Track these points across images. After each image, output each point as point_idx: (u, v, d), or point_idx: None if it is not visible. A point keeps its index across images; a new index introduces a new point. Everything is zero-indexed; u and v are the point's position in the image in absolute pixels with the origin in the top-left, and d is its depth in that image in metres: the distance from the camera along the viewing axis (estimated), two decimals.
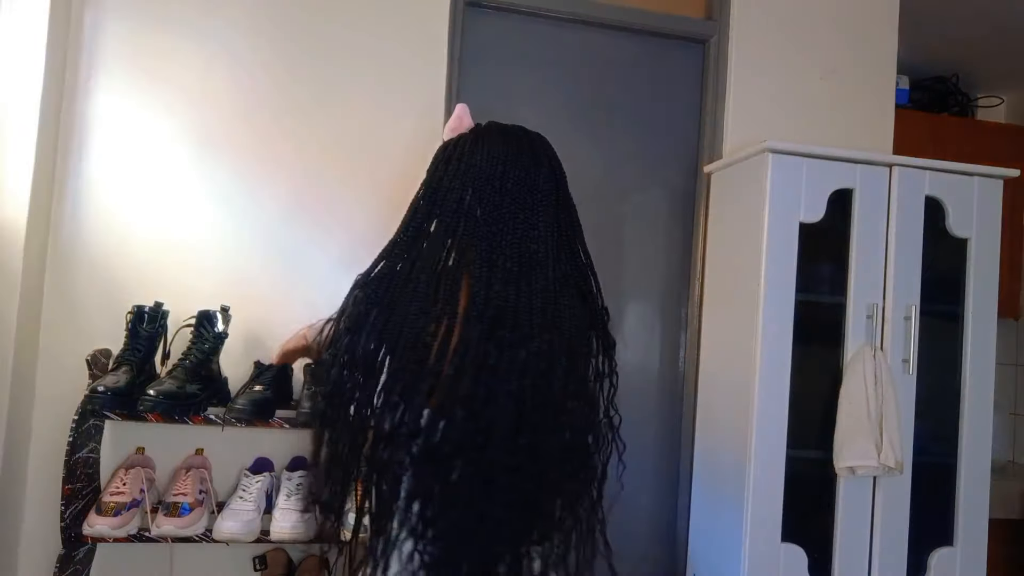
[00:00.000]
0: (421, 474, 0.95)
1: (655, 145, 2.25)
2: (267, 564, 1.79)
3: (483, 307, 0.97)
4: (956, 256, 1.95)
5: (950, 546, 1.90)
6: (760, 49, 2.24)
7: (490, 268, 0.99)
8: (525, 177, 1.05)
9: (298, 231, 1.92)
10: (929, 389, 1.90)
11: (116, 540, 1.53)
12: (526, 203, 1.04)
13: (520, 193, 1.04)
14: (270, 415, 1.62)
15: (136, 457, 1.75)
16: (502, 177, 1.04)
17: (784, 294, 1.84)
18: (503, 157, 1.06)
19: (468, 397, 0.94)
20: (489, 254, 0.99)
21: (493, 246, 1.00)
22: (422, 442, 0.94)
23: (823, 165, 1.87)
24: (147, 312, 1.66)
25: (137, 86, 1.84)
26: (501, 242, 1.00)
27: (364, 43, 1.97)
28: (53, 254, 1.78)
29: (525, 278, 1.00)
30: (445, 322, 0.96)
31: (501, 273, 0.99)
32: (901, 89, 2.61)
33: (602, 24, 2.20)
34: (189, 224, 1.86)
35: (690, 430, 2.18)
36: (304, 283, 1.89)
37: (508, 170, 1.05)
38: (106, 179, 1.82)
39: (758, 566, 1.80)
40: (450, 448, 0.94)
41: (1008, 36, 2.59)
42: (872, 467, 1.79)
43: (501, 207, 1.02)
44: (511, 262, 1.00)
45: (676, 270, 2.24)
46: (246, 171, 1.89)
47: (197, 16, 1.88)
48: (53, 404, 1.73)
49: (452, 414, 0.94)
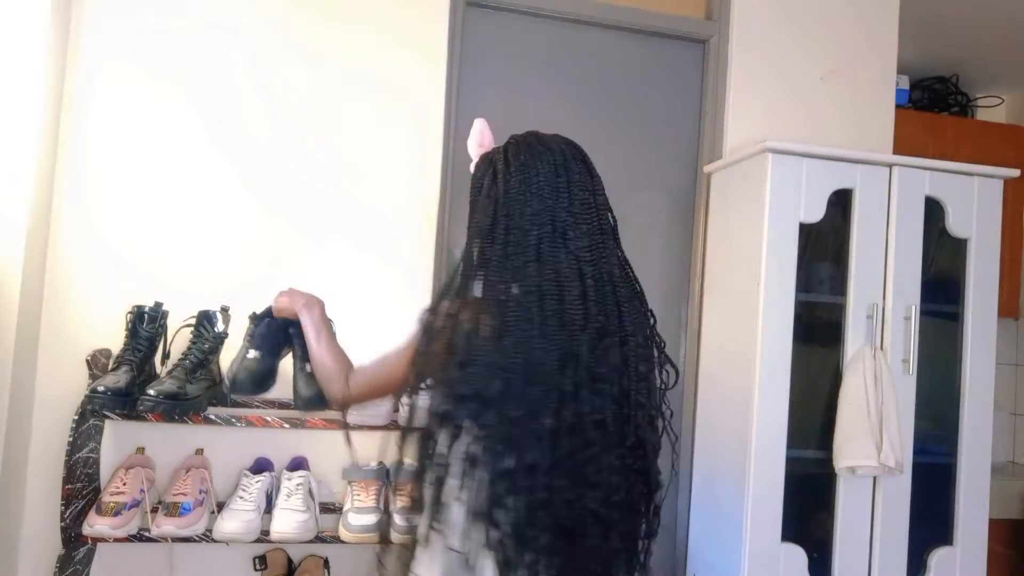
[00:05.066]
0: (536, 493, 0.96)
1: (655, 145, 2.25)
2: (267, 564, 1.79)
3: (584, 319, 0.99)
4: (956, 256, 1.95)
5: (950, 546, 1.90)
6: (760, 49, 2.24)
7: (580, 278, 1.01)
8: (584, 182, 1.09)
9: (298, 230, 1.91)
10: (929, 389, 1.91)
11: (116, 540, 1.53)
12: (591, 206, 1.08)
13: (585, 197, 1.07)
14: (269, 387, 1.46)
15: (136, 457, 1.75)
16: (568, 183, 1.07)
17: (784, 294, 1.84)
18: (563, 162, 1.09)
19: (592, 411, 0.98)
20: (576, 263, 1.02)
21: (578, 254, 1.03)
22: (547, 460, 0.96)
23: (823, 165, 1.87)
24: (147, 312, 1.66)
25: (137, 86, 1.84)
26: (582, 247, 1.04)
27: (364, 43, 1.97)
28: (53, 254, 1.78)
29: (608, 282, 1.04)
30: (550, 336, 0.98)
31: (591, 280, 1.02)
32: (901, 89, 2.60)
33: (602, 24, 2.20)
34: (189, 224, 1.86)
35: (690, 430, 2.18)
36: (304, 283, 1.88)
37: (572, 176, 1.08)
38: (106, 179, 1.82)
39: (758, 566, 1.80)
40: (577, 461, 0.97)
41: (1008, 36, 2.59)
42: (872, 467, 1.79)
43: (572, 212, 1.05)
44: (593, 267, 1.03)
45: (676, 270, 2.24)
46: (246, 171, 1.89)
47: (197, 16, 1.88)
48: (53, 404, 1.73)
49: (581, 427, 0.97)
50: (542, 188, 1.05)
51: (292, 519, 1.61)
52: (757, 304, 1.83)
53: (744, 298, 1.91)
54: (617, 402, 1.00)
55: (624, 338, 1.02)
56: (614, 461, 0.99)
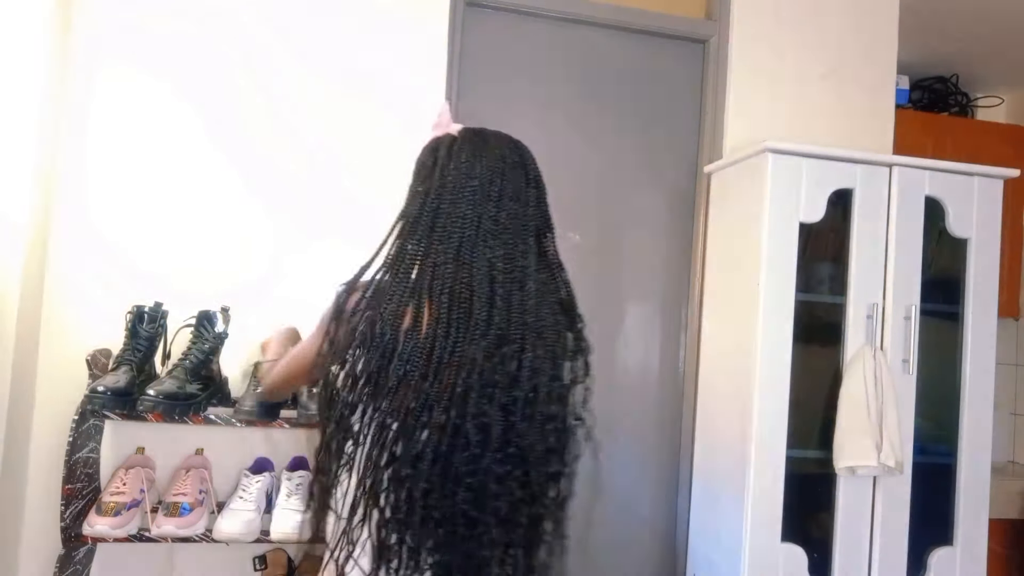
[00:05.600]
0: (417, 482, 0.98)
1: (655, 145, 2.25)
2: (267, 564, 1.79)
3: (486, 326, 1.00)
4: (956, 256, 1.95)
5: (950, 546, 1.90)
6: (760, 49, 2.24)
7: (491, 285, 1.02)
8: (518, 191, 1.08)
9: (299, 230, 1.91)
10: (929, 389, 1.91)
11: (116, 540, 1.53)
12: (519, 217, 1.07)
13: (514, 208, 1.07)
14: (276, 416, 1.62)
15: (136, 457, 1.75)
16: (500, 193, 1.06)
17: (784, 294, 1.84)
18: (500, 170, 1.08)
19: (477, 414, 0.98)
20: (490, 271, 1.02)
21: (492, 262, 1.03)
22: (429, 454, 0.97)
23: (823, 165, 1.87)
24: (147, 312, 1.66)
25: (137, 86, 1.84)
26: (498, 257, 1.03)
27: (364, 43, 1.97)
28: (53, 254, 1.78)
29: (518, 292, 1.03)
30: (453, 336, 0.99)
31: (501, 289, 1.02)
32: (901, 89, 2.61)
33: (602, 24, 2.20)
34: (189, 224, 1.86)
35: (690, 430, 2.18)
36: (304, 283, 1.89)
37: (505, 185, 1.07)
38: (106, 179, 1.82)
39: (758, 566, 1.80)
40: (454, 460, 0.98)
41: (1008, 36, 2.59)
42: (872, 467, 1.79)
43: (498, 221, 1.05)
44: (505, 276, 1.03)
45: (676, 270, 2.24)
46: (246, 170, 1.89)
47: (197, 17, 1.88)
48: (53, 404, 1.73)
49: (464, 429, 0.98)
50: (475, 192, 1.05)
51: (292, 519, 1.61)
52: (757, 304, 1.83)
53: (744, 298, 1.91)
54: (505, 409, 1.00)
55: (523, 347, 1.02)
56: (493, 467, 0.99)
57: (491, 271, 1.02)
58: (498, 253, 1.03)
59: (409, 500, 0.98)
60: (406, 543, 0.98)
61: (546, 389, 1.04)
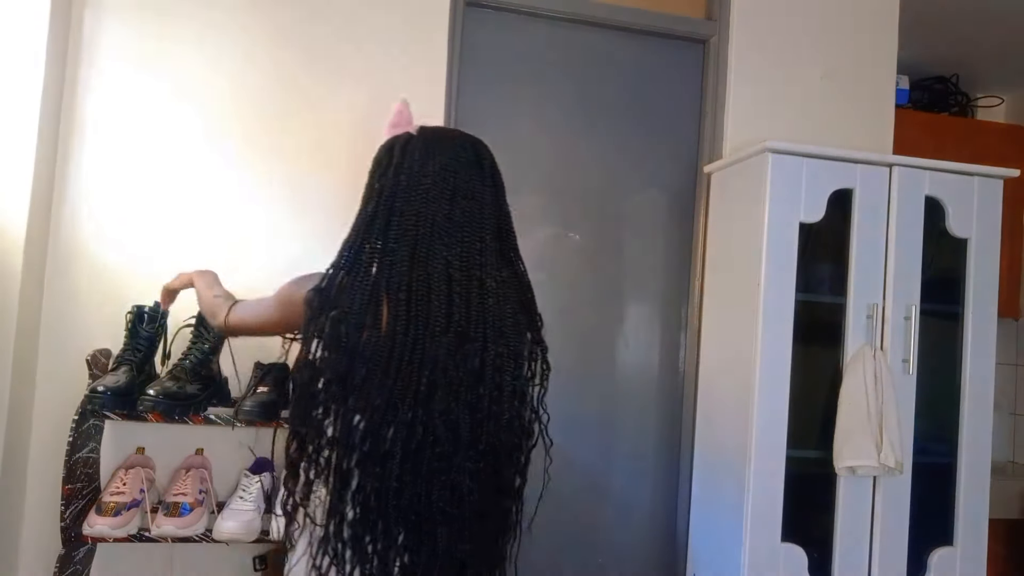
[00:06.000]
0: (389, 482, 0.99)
1: (655, 145, 2.25)
2: (267, 564, 1.79)
3: (446, 321, 1.01)
4: (956, 256, 1.95)
5: (950, 546, 1.90)
6: (760, 49, 2.24)
7: (448, 283, 1.03)
8: (473, 190, 1.09)
9: (298, 231, 1.91)
10: (929, 389, 1.90)
11: (116, 540, 1.53)
12: (474, 215, 1.07)
13: (469, 206, 1.07)
14: (276, 416, 1.62)
15: (136, 457, 1.75)
16: (453, 190, 1.07)
17: (784, 294, 1.84)
18: (454, 168, 1.08)
19: (444, 411, 0.99)
20: (446, 268, 1.03)
21: (449, 260, 1.04)
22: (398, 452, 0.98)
23: (823, 165, 1.87)
24: (147, 312, 1.67)
25: (137, 86, 1.84)
26: (454, 255, 1.04)
27: (364, 42, 1.97)
28: (53, 254, 1.78)
29: (477, 290, 1.04)
30: (412, 334, 1.00)
31: (459, 287, 1.03)
32: (901, 89, 2.60)
33: (602, 24, 2.20)
34: (189, 224, 1.86)
35: (690, 430, 2.18)
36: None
37: (459, 183, 1.08)
38: (106, 179, 1.82)
39: (758, 566, 1.80)
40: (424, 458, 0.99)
41: (1008, 36, 2.59)
42: (872, 467, 1.79)
43: (452, 219, 1.05)
44: (463, 274, 1.04)
45: (676, 270, 2.24)
46: (246, 171, 1.89)
47: (197, 18, 1.88)
48: (53, 404, 1.73)
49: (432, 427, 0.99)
50: (428, 191, 1.06)
51: None
52: (757, 304, 1.83)
53: (744, 298, 1.91)
54: (471, 407, 1.02)
55: (485, 345, 1.03)
56: (466, 464, 1.01)
57: (448, 269, 1.03)
58: (454, 251, 1.04)
59: (380, 499, 0.98)
60: (379, 542, 0.99)
61: (510, 388, 1.05)
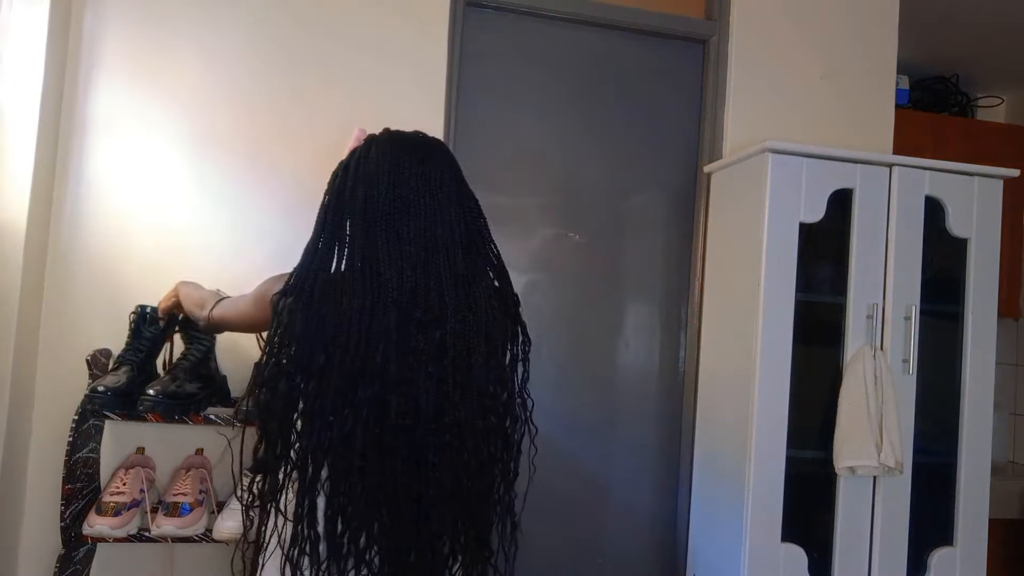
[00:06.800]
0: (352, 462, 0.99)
1: (655, 145, 2.25)
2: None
3: (397, 293, 1.03)
4: (956, 256, 1.95)
5: (950, 546, 1.90)
6: (760, 49, 2.24)
7: (400, 255, 1.04)
8: (421, 169, 1.10)
9: (298, 231, 1.90)
10: (929, 389, 1.90)
11: (116, 540, 1.53)
12: (425, 190, 1.09)
13: (418, 182, 1.09)
14: None
15: (136, 457, 1.75)
16: (397, 170, 1.09)
17: (784, 294, 1.84)
18: (396, 152, 1.11)
19: (399, 382, 1.00)
20: (397, 241, 1.05)
21: (400, 233, 1.05)
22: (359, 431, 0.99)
23: (823, 165, 1.87)
24: (150, 312, 1.66)
25: (137, 86, 1.84)
26: (405, 227, 1.06)
27: (364, 43, 1.97)
28: (53, 254, 1.78)
29: (433, 261, 1.06)
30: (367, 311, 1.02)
31: (410, 259, 1.05)
32: (901, 89, 2.61)
33: (602, 24, 2.20)
34: (189, 224, 1.86)
35: (690, 430, 2.18)
36: None
37: (403, 162, 1.10)
38: (106, 179, 1.82)
39: (758, 566, 1.80)
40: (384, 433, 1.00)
41: (1008, 36, 2.59)
42: (872, 467, 1.79)
43: (400, 196, 1.07)
44: (416, 246, 1.05)
45: (676, 270, 2.24)
46: (247, 171, 1.89)
47: (197, 18, 1.88)
48: (53, 404, 1.73)
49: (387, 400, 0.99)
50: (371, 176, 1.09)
51: None
52: (757, 304, 1.83)
53: (744, 298, 1.91)
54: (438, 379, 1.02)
55: (444, 316, 1.04)
56: (429, 438, 1.01)
57: (399, 241, 1.05)
58: (407, 223, 1.06)
59: (347, 481, 0.99)
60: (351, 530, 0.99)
61: (482, 367, 1.06)
